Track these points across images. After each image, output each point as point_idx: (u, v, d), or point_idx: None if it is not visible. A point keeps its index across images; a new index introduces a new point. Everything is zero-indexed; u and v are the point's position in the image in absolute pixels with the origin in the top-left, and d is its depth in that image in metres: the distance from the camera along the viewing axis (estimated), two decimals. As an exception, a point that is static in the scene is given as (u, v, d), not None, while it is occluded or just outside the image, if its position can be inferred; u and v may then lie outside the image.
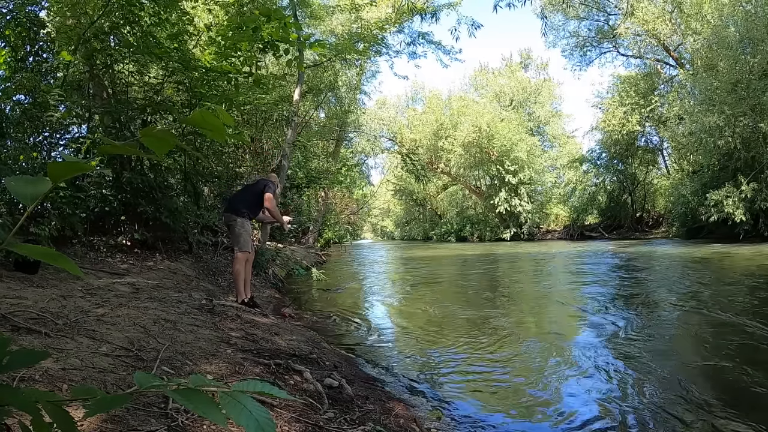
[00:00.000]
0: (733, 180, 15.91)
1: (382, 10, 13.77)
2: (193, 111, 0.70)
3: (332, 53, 11.68)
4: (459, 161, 30.80)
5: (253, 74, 6.69)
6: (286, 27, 5.44)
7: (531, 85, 37.25)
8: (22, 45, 5.56)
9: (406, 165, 27.91)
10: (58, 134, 5.76)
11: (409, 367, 3.44)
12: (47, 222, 4.53)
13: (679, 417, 2.38)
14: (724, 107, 15.22)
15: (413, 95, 40.28)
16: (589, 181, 28.56)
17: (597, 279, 8.26)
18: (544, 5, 25.48)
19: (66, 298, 3.13)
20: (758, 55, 14.67)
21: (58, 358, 1.91)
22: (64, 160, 0.65)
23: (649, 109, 23.07)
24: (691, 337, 3.95)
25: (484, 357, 3.59)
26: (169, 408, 1.65)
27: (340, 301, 6.76)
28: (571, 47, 26.88)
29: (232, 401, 0.63)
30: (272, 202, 4.88)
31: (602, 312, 5.09)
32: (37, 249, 0.66)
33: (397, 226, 54.40)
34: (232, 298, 4.94)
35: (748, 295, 5.64)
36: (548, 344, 3.88)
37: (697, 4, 18.23)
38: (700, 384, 2.82)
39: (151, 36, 6.14)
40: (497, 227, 31.29)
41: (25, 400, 0.67)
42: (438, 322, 5.02)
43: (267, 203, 4.82)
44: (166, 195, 6.45)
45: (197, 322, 3.20)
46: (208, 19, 7.70)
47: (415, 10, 14.26)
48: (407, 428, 2.18)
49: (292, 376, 2.43)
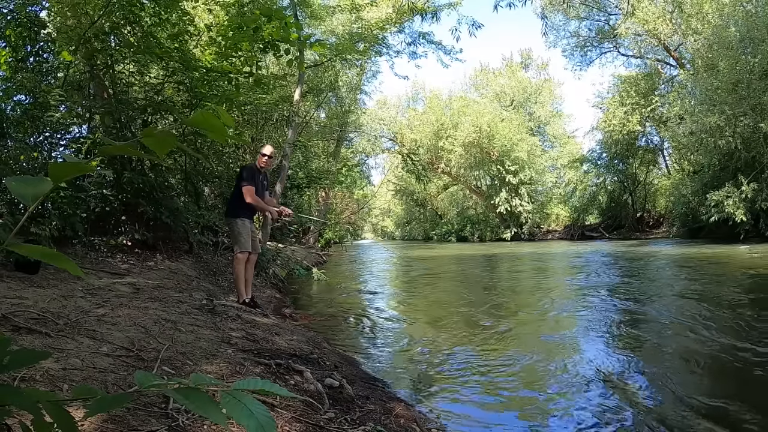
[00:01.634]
0: (733, 180, 15.90)
1: (383, 10, 13.75)
2: (194, 112, 0.70)
3: (333, 53, 11.67)
4: (459, 161, 30.80)
5: (253, 74, 6.67)
6: (287, 27, 5.44)
7: (531, 85, 37.23)
8: (23, 45, 5.56)
9: (407, 165, 27.86)
10: (58, 134, 5.76)
11: (410, 367, 3.45)
12: (48, 222, 4.53)
13: (683, 417, 2.38)
14: (724, 107, 15.21)
15: (414, 95, 40.26)
16: (589, 181, 28.56)
17: (598, 279, 8.25)
18: (545, 5, 25.50)
19: (66, 298, 3.13)
20: (759, 54, 14.66)
21: (58, 358, 1.91)
22: (65, 161, 0.65)
23: (650, 109, 23.06)
24: (693, 337, 3.94)
25: (485, 357, 3.59)
26: (169, 408, 1.65)
27: (340, 301, 6.76)
28: (571, 47, 26.90)
29: (233, 400, 0.63)
30: (250, 196, 4.57)
31: (603, 312, 5.08)
32: (37, 249, 0.66)
33: (397, 227, 54.36)
34: (232, 298, 4.94)
35: (747, 295, 5.64)
36: (549, 344, 3.89)
37: (697, 4, 18.22)
38: (702, 385, 2.82)
39: (151, 36, 6.14)
40: (498, 227, 31.29)
41: (26, 399, 0.67)
42: (439, 322, 5.02)
43: (247, 199, 4.56)
44: (167, 195, 6.45)
45: (198, 322, 3.20)
46: (209, 19, 7.69)
47: (416, 10, 14.25)
48: (408, 428, 2.18)
49: (293, 376, 2.43)
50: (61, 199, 4.81)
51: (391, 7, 13.98)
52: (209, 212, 7.58)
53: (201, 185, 7.96)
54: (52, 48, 5.78)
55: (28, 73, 5.37)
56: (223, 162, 8.89)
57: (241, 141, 9.22)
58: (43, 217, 4.61)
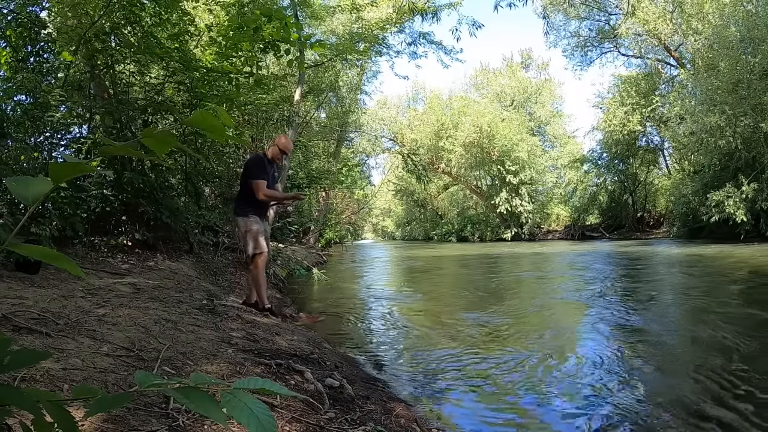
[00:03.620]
0: (734, 180, 15.89)
1: (383, 10, 13.76)
2: (194, 112, 0.70)
3: (333, 53, 11.69)
4: (460, 161, 30.81)
5: (253, 74, 6.68)
6: (287, 27, 5.45)
7: (532, 85, 37.24)
8: (23, 45, 5.56)
9: (407, 165, 27.89)
10: (59, 134, 5.76)
11: (410, 367, 3.44)
12: (48, 222, 4.54)
13: (684, 418, 2.38)
14: (725, 107, 15.21)
15: (414, 95, 40.28)
16: (590, 181, 28.57)
17: (598, 279, 8.24)
18: (545, 5, 25.51)
19: (67, 298, 3.13)
20: (759, 54, 14.66)
21: (59, 358, 1.91)
22: (65, 161, 0.65)
23: (650, 109, 23.07)
24: (694, 337, 3.94)
25: (486, 357, 3.59)
26: (170, 408, 1.65)
27: (341, 301, 6.76)
28: (572, 47, 26.92)
29: (234, 400, 0.63)
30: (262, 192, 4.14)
31: (604, 312, 5.08)
32: (38, 249, 0.66)
33: (398, 227, 54.38)
34: (233, 298, 4.94)
35: (749, 296, 5.64)
36: (551, 345, 3.88)
37: (698, 4, 18.22)
38: (703, 386, 2.81)
39: (152, 36, 6.14)
40: (498, 227, 31.29)
41: (26, 399, 0.68)
42: (440, 321, 5.02)
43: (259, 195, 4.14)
44: (167, 195, 6.46)
45: (198, 322, 3.20)
46: (209, 19, 7.70)
47: (416, 10, 14.26)
48: (408, 428, 2.18)
49: (293, 376, 2.43)
50: (61, 199, 4.82)
51: (392, 7, 13.99)
52: (209, 212, 7.59)
53: (201, 185, 7.96)
54: (53, 48, 5.79)
55: (29, 73, 5.37)
56: (224, 162, 8.89)
57: (241, 141, 9.23)
58: (43, 217, 4.61)
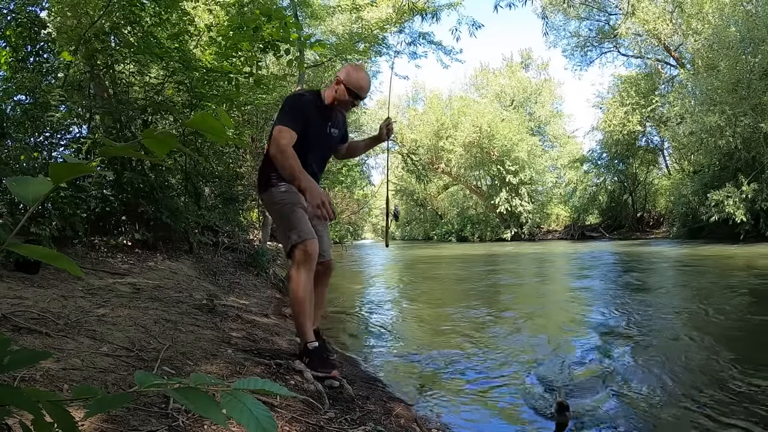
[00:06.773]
0: (733, 180, 15.91)
1: (383, 10, 13.76)
2: (194, 113, 0.70)
3: (333, 53, 11.69)
4: (460, 161, 30.84)
5: (253, 74, 6.67)
6: (287, 27, 5.44)
7: (531, 85, 37.27)
8: (23, 45, 5.55)
9: (407, 165, 27.90)
10: (59, 134, 5.75)
11: (410, 367, 3.44)
12: (48, 222, 4.53)
13: (685, 418, 2.38)
14: (724, 107, 15.22)
15: (414, 95, 40.34)
16: (589, 181, 28.60)
17: (599, 279, 8.25)
18: (545, 5, 25.54)
19: (67, 298, 3.13)
20: (759, 54, 14.68)
21: (58, 358, 1.91)
22: (65, 161, 0.65)
23: (650, 109, 23.09)
24: (694, 337, 3.94)
25: (486, 357, 3.59)
26: (169, 408, 1.65)
27: (340, 301, 6.76)
28: (571, 47, 26.97)
29: (233, 400, 0.63)
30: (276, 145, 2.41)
31: (605, 312, 5.09)
32: (37, 249, 0.66)
33: (397, 227, 54.37)
34: (233, 297, 4.94)
35: (750, 296, 5.64)
36: (551, 345, 3.88)
37: (697, 4, 18.23)
38: (704, 386, 2.82)
39: (151, 36, 6.14)
40: (498, 227, 31.31)
41: (26, 399, 0.68)
42: (440, 321, 5.02)
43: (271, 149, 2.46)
44: (167, 195, 6.45)
45: (198, 322, 3.20)
46: (209, 19, 7.69)
47: (416, 10, 14.25)
48: (408, 428, 2.18)
49: (293, 376, 2.43)
50: (61, 199, 4.81)
51: (391, 7, 13.99)
52: (209, 212, 7.58)
53: (201, 185, 7.95)
54: (53, 48, 5.78)
55: (29, 73, 5.36)
56: (224, 162, 8.89)
57: (241, 142, 9.22)
58: (43, 217, 4.61)
